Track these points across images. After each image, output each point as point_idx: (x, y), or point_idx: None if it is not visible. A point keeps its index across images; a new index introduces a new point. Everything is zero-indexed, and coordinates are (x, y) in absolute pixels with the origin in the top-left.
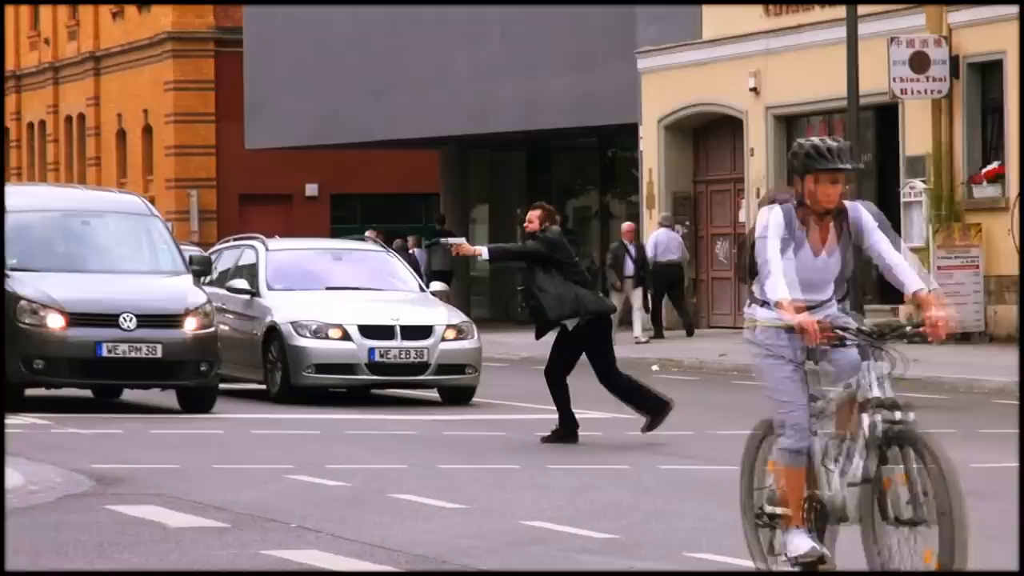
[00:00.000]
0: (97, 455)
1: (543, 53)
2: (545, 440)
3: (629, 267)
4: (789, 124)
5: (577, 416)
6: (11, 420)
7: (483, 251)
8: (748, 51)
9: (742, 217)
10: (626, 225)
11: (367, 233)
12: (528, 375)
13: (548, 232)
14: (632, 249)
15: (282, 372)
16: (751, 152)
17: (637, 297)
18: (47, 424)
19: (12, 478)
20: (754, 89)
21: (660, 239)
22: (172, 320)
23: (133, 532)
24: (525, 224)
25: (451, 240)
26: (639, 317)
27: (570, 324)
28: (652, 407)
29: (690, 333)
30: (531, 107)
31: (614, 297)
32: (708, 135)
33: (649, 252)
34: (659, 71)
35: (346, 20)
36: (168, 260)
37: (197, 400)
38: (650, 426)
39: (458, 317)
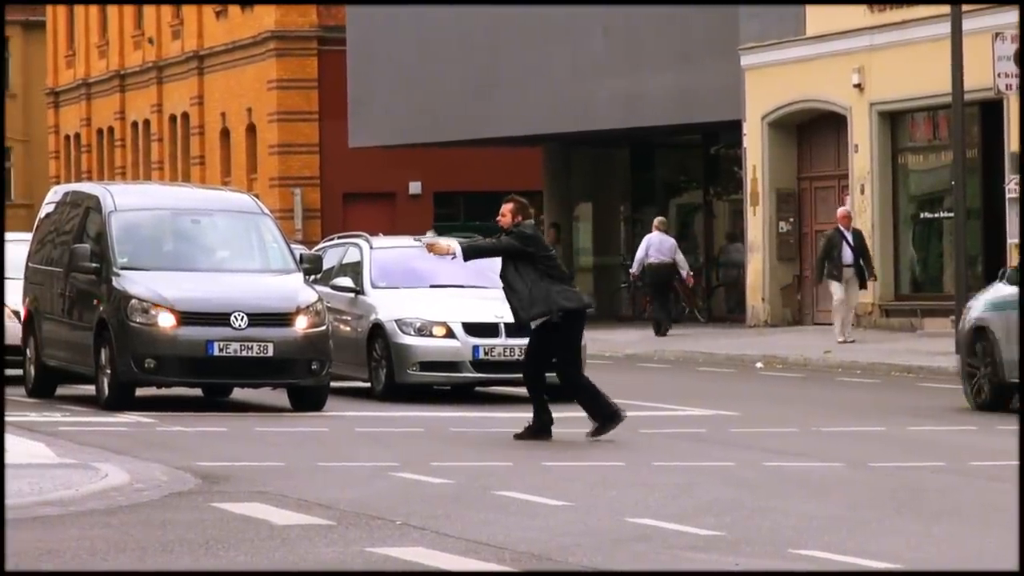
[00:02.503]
0: (202, 453)
1: (645, 50)
2: (517, 437)
3: (848, 255)
4: (893, 120)
5: (672, 413)
6: (116, 419)
7: (456, 249)
8: (852, 47)
9: None
10: (841, 211)
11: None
12: (633, 372)
13: (522, 226)
14: (849, 236)
15: (386, 370)
16: (855, 148)
17: (853, 290)
18: (152, 423)
19: (118, 476)
20: (858, 85)
21: (653, 241)
22: (283, 319)
23: (239, 530)
24: (498, 219)
25: (423, 238)
26: (842, 313)
27: (538, 322)
28: (604, 414)
29: (664, 333)
30: (633, 104)
31: (833, 288)
32: (812, 131)
33: (640, 253)
34: (762, 67)
35: (449, 18)
36: (279, 259)
37: (309, 399)
38: (596, 432)
39: None
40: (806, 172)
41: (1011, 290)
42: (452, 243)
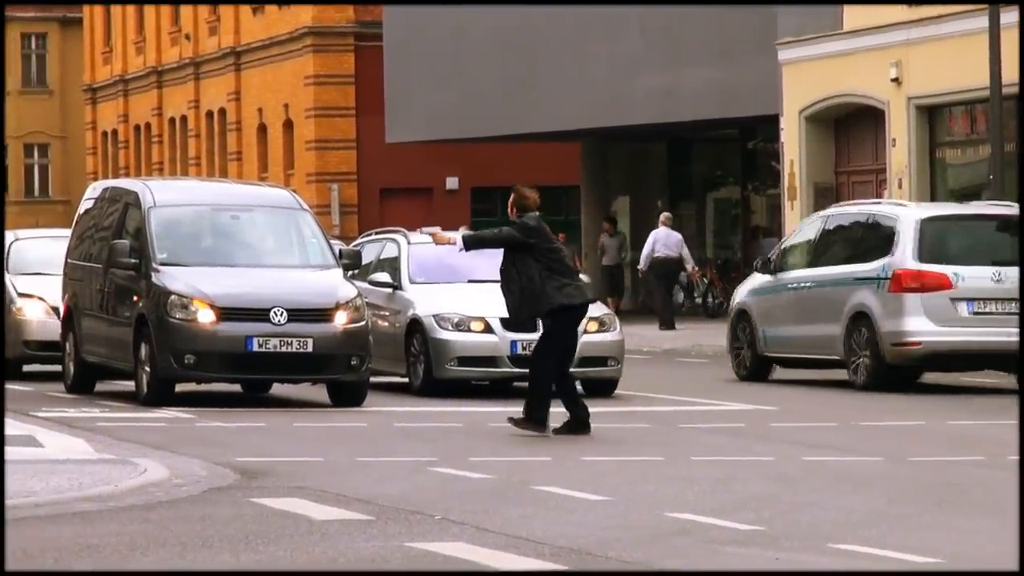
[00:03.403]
0: (241, 448)
1: (682, 45)
2: (556, 432)
3: None
4: (931, 114)
5: (711, 408)
6: (155, 414)
7: (458, 239)
8: (889, 41)
9: None
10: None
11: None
12: (671, 367)
13: (525, 217)
14: None
15: (424, 365)
16: (893, 143)
17: None
18: (191, 418)
19: (157, 472)
20: (896, 79)
21: (659, 236)
22: (323, 314)
23: (278, 525)
24: (508, 210)
25: (426, 229)
26: None
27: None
28: (534, 416)
29: (670, 326)
30: (671, 99)
31: None
32: (849, 126)
33: (647, 249)
34: (800, 62)
35: (485, 14)
36: (318, 254)
37: (348, 394)
38: (560, 431)
39: (600, 310)
40: (844, 166)
41: (765, 278)
42: (454, 233)
